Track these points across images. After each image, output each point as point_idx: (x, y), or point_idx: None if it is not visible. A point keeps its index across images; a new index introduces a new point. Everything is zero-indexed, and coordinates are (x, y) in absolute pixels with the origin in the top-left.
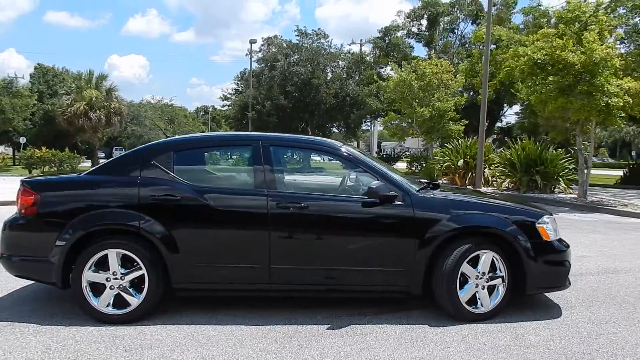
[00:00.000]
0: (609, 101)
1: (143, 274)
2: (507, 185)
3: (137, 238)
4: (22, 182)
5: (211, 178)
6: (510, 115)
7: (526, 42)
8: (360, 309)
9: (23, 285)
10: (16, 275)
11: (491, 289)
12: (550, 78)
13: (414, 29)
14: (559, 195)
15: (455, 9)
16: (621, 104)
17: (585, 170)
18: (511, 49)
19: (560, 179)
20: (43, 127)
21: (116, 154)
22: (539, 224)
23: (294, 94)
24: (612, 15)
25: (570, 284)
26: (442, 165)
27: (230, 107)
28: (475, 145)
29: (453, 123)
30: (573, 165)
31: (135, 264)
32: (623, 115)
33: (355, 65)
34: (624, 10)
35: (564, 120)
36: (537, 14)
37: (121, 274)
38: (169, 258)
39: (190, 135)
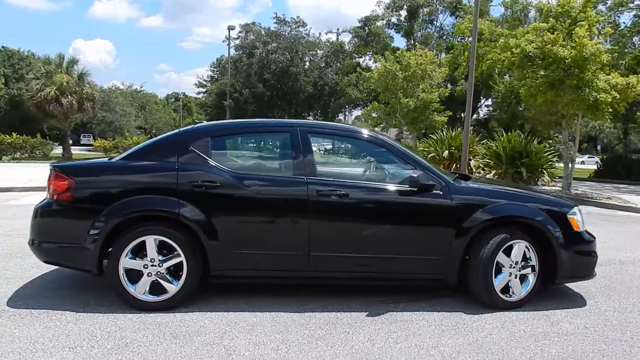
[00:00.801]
0: (598, 96)
1: (181, 261)
2: (492, 177)
3: (175, 225)
4: (55, 167)
5: (249, 165)
6: (487, 107)
7: (514, 35)
8: (391, 296)
9: (43, 273)
10: (46, 262)
11: (522, 278)
12: (541, 72)
13: (394, 20)
14: (543, 187)
15: (435, 0)
16: (609, 99)
17: (570, 164)
18: (501, 41)
19: (545, 171)
20: (9, 112)
21: (84, 140)
22: (569, 214)
23: (272, 82)
24: (594, 12)
25: (595, 274)
26: (426, 156)
27: (206, 95)
28: (460, 136)
29: (437, 114)
30: (556, 159)
31: (173, 250)
32: (610, 110)
33: (334, 55)
34: (604, 7)
35: (551, 114)
36: (518, 8)
37: (159, 260)
38: (208, 245)
39: (227, 121)
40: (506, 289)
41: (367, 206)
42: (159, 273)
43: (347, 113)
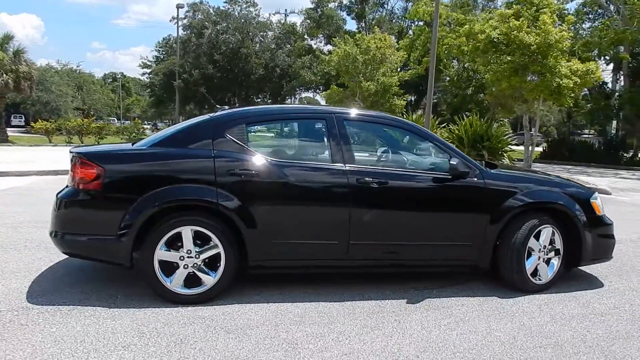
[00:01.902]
0: (561, 82)
1: (219, 252)
2: None
3: (213, 214)
4: (80, 153)
5: (286, 152)
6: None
7: (477, 20)
8: (422, 283)
9: (49, 266)
10: (71, 255)
11: (547, 262)
12: (508, 58)
13: (345, 1)
14: None
15: None
16: (571, 85)
17: (530, 147)
18: (466, 27)
19: (505, 154)
20: None
21: (15, 121)
22: (592, 199)
23: (222, 64)
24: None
25: (613, 256)
26: None
27: (151, 76)
28: (421, 120)
29: (397, 98)
30: (516, 142)
31: (208, 241)
32: (572, 95)
33: (286, 36)
34: None
35: (513, 98)
36: None
37: (196, 252)
38: (247, 235)
39: (262, 107)
40: (535, 273)
41: (406, 194)
42: (195, 265)
43: (296, 96)
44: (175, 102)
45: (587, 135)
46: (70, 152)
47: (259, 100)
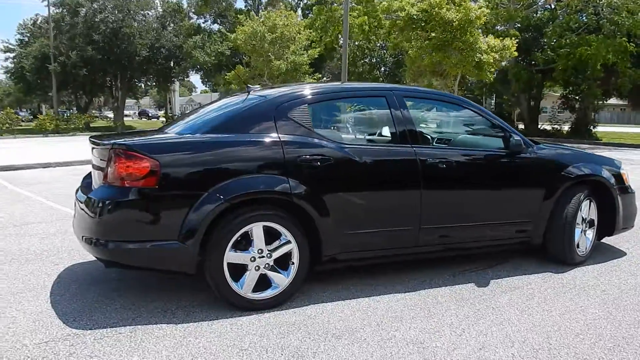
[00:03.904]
0: (481, 57)
1: (292, 249)
2: None
3: (284, 207)
4: (125, 145)
5: (351, 133)
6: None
7: None
8: (470, 264)
9: (53, 280)
10: (116, 265)
11: (584, 234)
12: (433, 34)
13: None
14: None
15: None
16: (491, 60)
17: None
18: (384, 3)
19: None
20: None
21: None
22: (621, 170)
23: (102, 45)
24: None
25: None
26: None
27: (16, 60)
28: None
29: (308, 76)
30: None
31: (278, 237)
32: (492, 70)
33: (170, 15)
34: None
35: (433, 74)
36: None
37: (268, 251)
38: (321, 227)
39: (320, 85)
40: (576, 245)
41: (471, 173)
42: (267, 265)
43: (185, 78)
44: (52, 87)
45: None
46: (109, 143)
47: (142, 83)
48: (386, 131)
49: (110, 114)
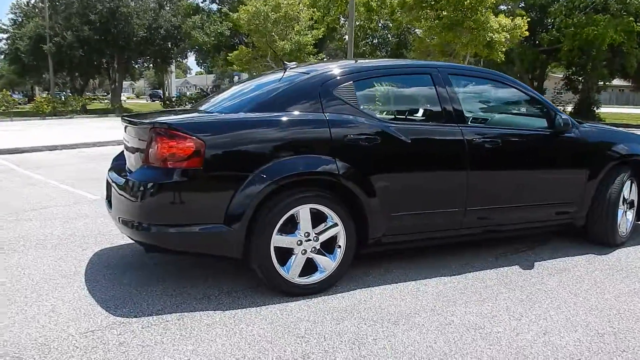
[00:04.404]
0: (493, 37)
1: (338, 232)
2: None
3: (331, 188)
4: (167, 123)
5: (397, 111)
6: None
7: None
8: (510, 247)
9: (76, 267)
10: (160, 250)
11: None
12: (444, 13)
13: None
14: None
15: None
16: (502, 39)
17: None
18: None
19: None
20: None
21: None
22: None
23: (99, 25)
24: None
25: None
26: None
27: (10, 41)
28: None
29: (312, 57)
30: None
31: (324, 219)
32: (504, 49)
33: None
34: None
35: (442, 53)
36: None
37: (315, 234)
38: (368, 209)
39: (363, 61)
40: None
41: (516, 153)
42: (314, 249)
43: (184, 59)
44: (47, 68)
45: None
46: (149, 123)
47: (139, 64)
48: (433, 109)
49: (105, 97)
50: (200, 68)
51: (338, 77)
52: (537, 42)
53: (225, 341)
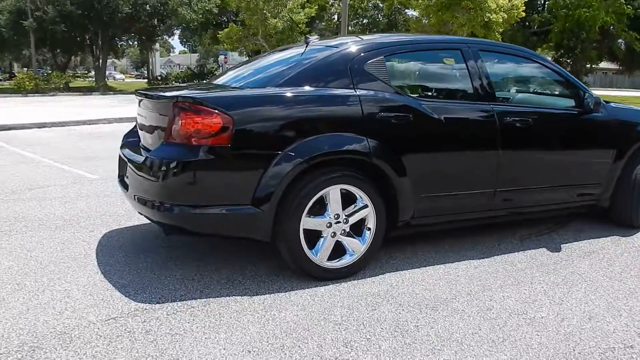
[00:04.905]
0: (491, 17)
1: (368, 213)
2: None
3: (363, 168)
4: (192, 98)
5: (427, 88)
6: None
7: None
8: (532, 229)
9: (85, 249)
10: (184, 232)
11: None
12: None
13: None
14: None
15: None
16: (500, 20)
17: None
18: None
19: None
20: None
21: None
22: None
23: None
24: None
25: None
26: None
27: None
28: None
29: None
30: None
31: (353, 201)
32: (501, 30)
33: None
34: None
35: (439, 34)
36: None
37: (345, 216)
38: (399, 190)
39: (392, 36)
40: None
41: (548, 133)
42: (343, 231)
43: (170, 37)
44: (28, 44)
45: None
46: (172, 97)
47: (124, 41)
48: (464, 87)
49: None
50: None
51: (369, 52)
52: (527, 23)
53: (259, 329)
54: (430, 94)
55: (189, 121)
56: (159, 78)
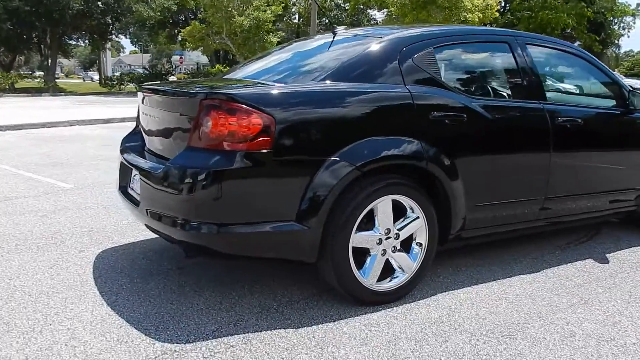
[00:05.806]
0: (467, 16)
1: (420, 226)
2: None
3: (413, 175)
4: (228, 95)
5: (478, 84)
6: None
7: None
8: (568, 237)
9: (91, 275)
10: (216, 255)
11: None
12: None
13: None
14: None
15: None
16: (476, 19)
17: None
18: None
19: None
20: None
21: None
22: None
23: None
24: None
25: None
26: None
27: None
28: None
29: (271, 34)
30: None
31: (405, 212)
32: None
33: None
34: None
35: None
36: None
37: (396, 230)
38: (454, 199)
39: (437, 26)
40: None
41: (597, 135)
42: (394, 248)
43: (126, 35)
44: None
45: None
46: (199, 93)
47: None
48: (514, 83)
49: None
50: (135, 47)
51: (417, 43)
52: (490, 24)
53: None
54: (481, 91)
55: (223, 122)
56: (114, 79)
